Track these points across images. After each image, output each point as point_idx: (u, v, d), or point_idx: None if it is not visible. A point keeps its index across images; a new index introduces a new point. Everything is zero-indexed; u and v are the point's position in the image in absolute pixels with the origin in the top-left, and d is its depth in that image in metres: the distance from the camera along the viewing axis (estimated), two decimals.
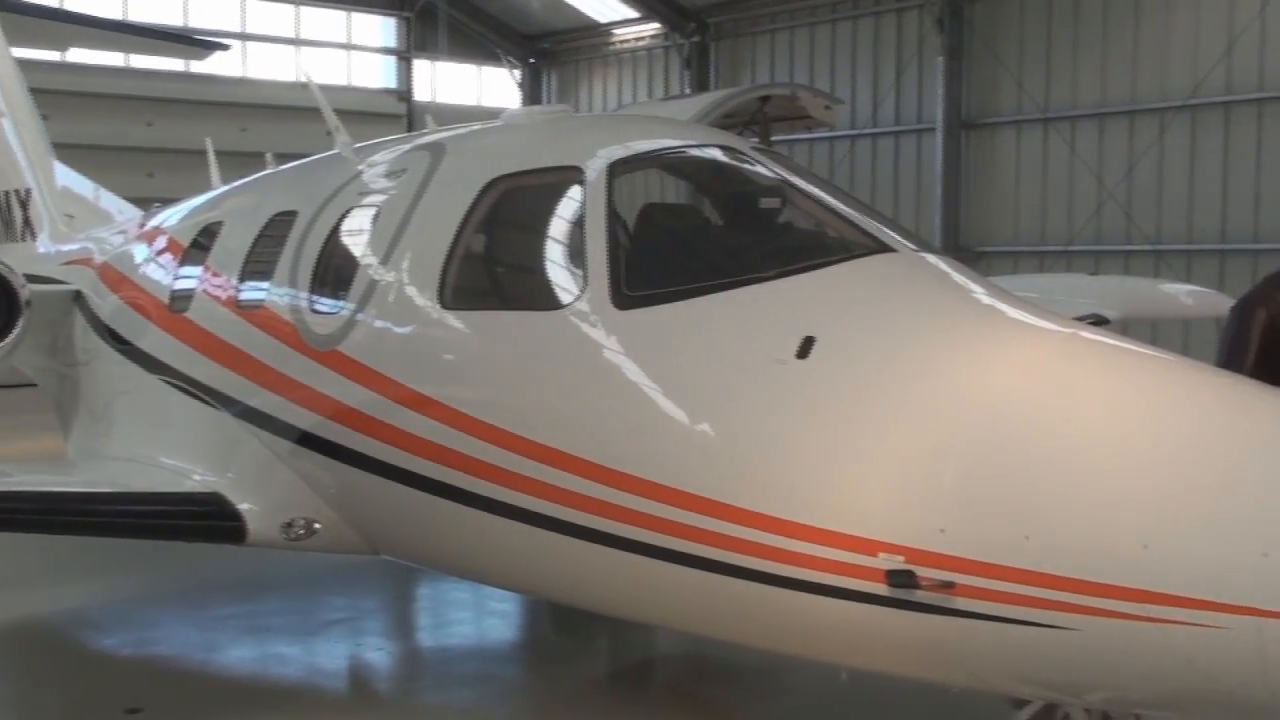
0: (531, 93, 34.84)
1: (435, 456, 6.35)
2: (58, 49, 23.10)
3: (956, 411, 4.65)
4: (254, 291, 8.14)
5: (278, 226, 8.20)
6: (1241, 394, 4.56)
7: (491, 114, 7.99)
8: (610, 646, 9.32)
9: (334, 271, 7.43)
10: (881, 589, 4.59)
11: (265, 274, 8.03)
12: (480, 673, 8.73)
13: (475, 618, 10.06)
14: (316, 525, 7.56)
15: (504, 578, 6.85)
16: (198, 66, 27.84)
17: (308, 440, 7.38)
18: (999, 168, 25.48)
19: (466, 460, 6.15)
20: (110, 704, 7.78)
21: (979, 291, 5.46)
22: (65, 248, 12.21)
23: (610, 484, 5.47)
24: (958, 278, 5.60)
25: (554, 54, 34.96)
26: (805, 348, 5.07)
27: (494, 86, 35.01)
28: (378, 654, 9.15)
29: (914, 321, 5.16)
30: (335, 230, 7.59)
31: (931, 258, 5.77)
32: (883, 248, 5.69)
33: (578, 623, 9.26)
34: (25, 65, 14.35)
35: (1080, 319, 8.29)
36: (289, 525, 7.60)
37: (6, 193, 13.72)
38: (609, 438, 5.55)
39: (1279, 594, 3.85)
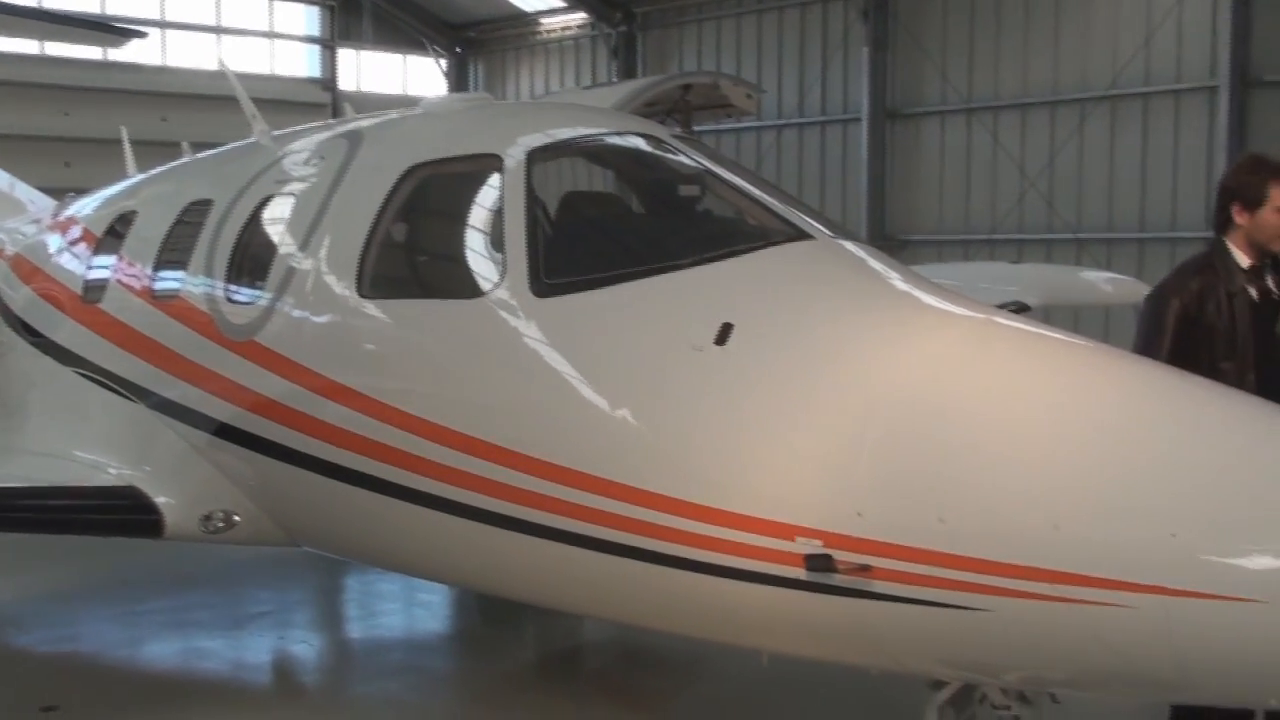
0: (458, 82, 34.61)
1: (355, 447, 6.28)
2: None
3: (872, 397, 4.68)
4: (169, 281, 8.01)
5: (193, 215, 8.08)
6: (1152, 379, 4.63)
7: (415, 103, 7.91)
8: (538, 635, 9.31)
9: (250, 261, 7.32)
10: (800, 573, 4.61)
11: (180, 263, 7.90)
12: (407, 664, 8.68)
13: (402, 609, 10.01)
14: (236, 518, 7.47)
15: (425, 568, 6.80)
16: (116, 55, 27.35)
17: (225, 432, 7.28)
18: (923, 157, 25.74)
19: (386, 450, 6.09)
20: (25, 702, 7.63)
21: (895, 278, 5.50)
22: None
23: (530, 472, 5.44)
24: (875, 264, 5.64)
25: (481, 43, 34.77)
26: (723, 335, 5.08)
27: (420, 76, 34.74)
28: (304, 646, 9.06)
29: (831, 308, 5.19)
30: (251, 219, 7.48)
31: (849, 245, 5.80)
32: (801, 235, 5.71)
33: (506, 613, 9.26)
34: None
35: (1002, 306, 8.40)
36: (207, 518, 7.50)
37: None
38: (528, 425, 5.52)
39: (1186, 573, 3.91)
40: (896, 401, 4.63)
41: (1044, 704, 4.92)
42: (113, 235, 9.04)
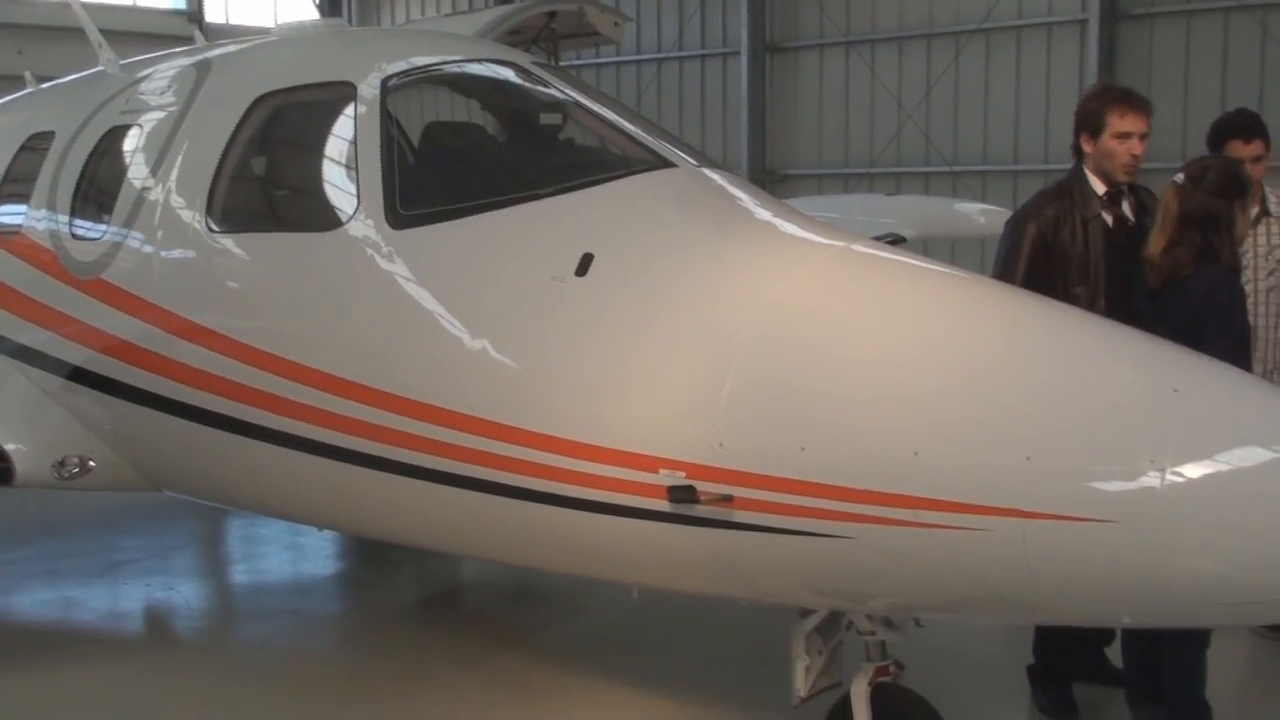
0: (331, 14, 33.70)
1: (210, 387, 6.08)
2: None
3: (733, 326, 4.61)
4: (9, 217, 7.67)
5: (34, 146, 7.71)
6: (1013, 305, 4.62)
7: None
8: (418, 575, 9.21)
9: (95, 194, 7.02)
10: (664, 505, 4.55)
11: (20, 198, 7.57)
12: (285, 607, 8.54)
13: (280, 552, 9.82)
14: (91, 463, 7.21)
15: (288, 510, 6.63)
16: None
17: (76, 375, 7.01)
18: (803, 91, 25.76)
19: (243, 390, 5.91)
20: None
21: (759, 207, 5.42)
22: None
23: (390, 409, 5.31)
24: (738, 193, 5.55)
25: None
26: (584, 265, 4.97)
27: (292, 8, 33.76)
28: (175, 593, 8.82)
29: (692, 236, 5.09)
30: (96, 151, 7.16)
31: (712, 173, 5.70)
32: (663, 163, 5.60)
33: (386, 554, 9.12)
34: None
35: (878, 238, 8.42)
36: (61, 464, 7.22)
37: None
38: (387, 361, 5.37)
39: (1041, 496, 3.93)
40: (758, 330, 4.57)
41: (909, 628, 4.96)
42: None
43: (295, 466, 5.86)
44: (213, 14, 32.23)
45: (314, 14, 33.66)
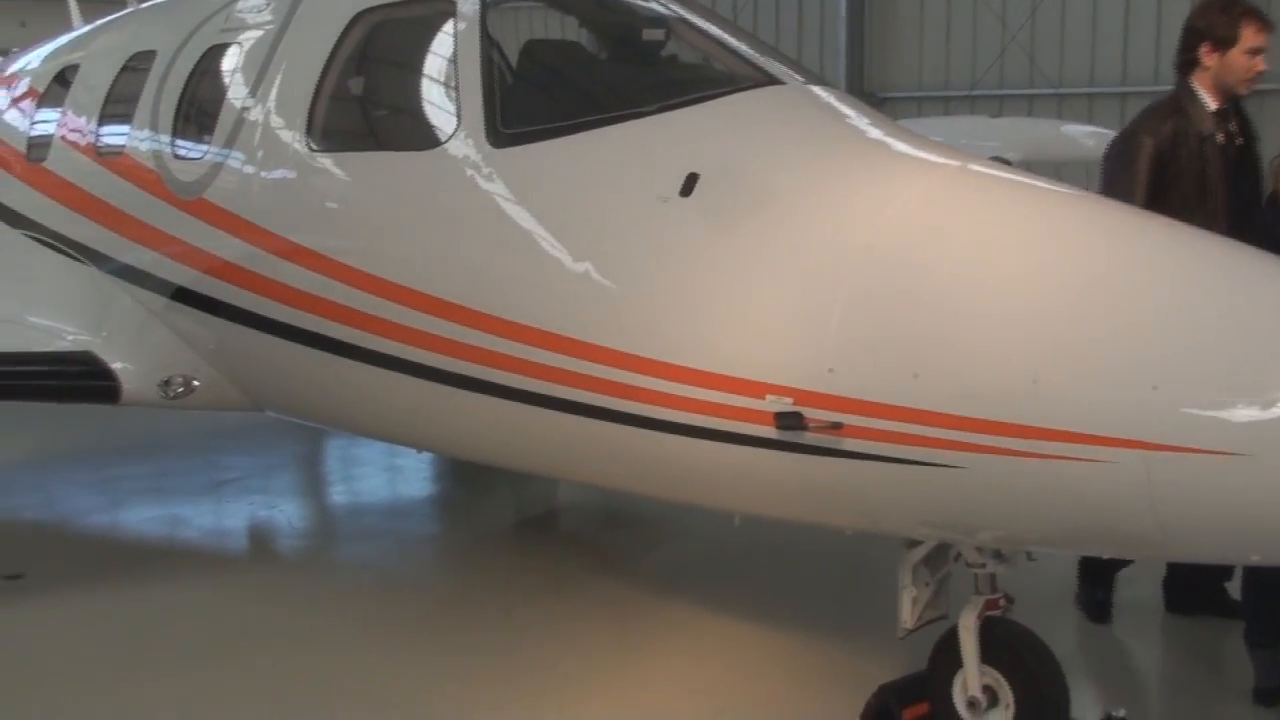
0: None
1: (309, 307, 6.08)
2: None
3: (845, 248, 4.46)
4: (113, 138, 7.70)
5: (137, 66, 7.73)
6: (1131, 224, 4.42)
7: None
8: (514, 498, 9.23)
9: (196, 114, 7.03)
10: (770, 432, 4.44)
11: (125, 118, 7.58)
12: (382, 528, 8.61)
13: (378, 474, 9.92)
14: (195, 382, 7.29)
15: (386, 431, 6.65)
16: None
17: (180, 295, 7.06)
18: (903, 12, 25.10)
19: (341, 310, 5.89)
20: None
21: (868, 125, 5.24)
22: None
23: (491, 331, 5.25)
24: (848, 111, 5.37)
25: None
26: (689, 185, 4.83)
27: None
28: (277, 512, 8.96)
29: (801, 155, 4.93)
30: (197, 70, 7.15)
31: (820, 90, 5.52)
32: (770, 80, 5.43)
33: (482, 477, 9.16)
34: None
35: None
36: (166, 383, 7.32)
37: None
38: (486, 282, 5.31)
39: (1167, 428, 3.75)
40: (870, 253, 4.42)
41: (1020, 561, 4.83)
42: (56, 90, 8.69)
43: (393, 387, 5.84)
44: None
45: None
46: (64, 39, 9.95)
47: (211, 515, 8.93)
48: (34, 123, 8.78)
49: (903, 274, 4.32)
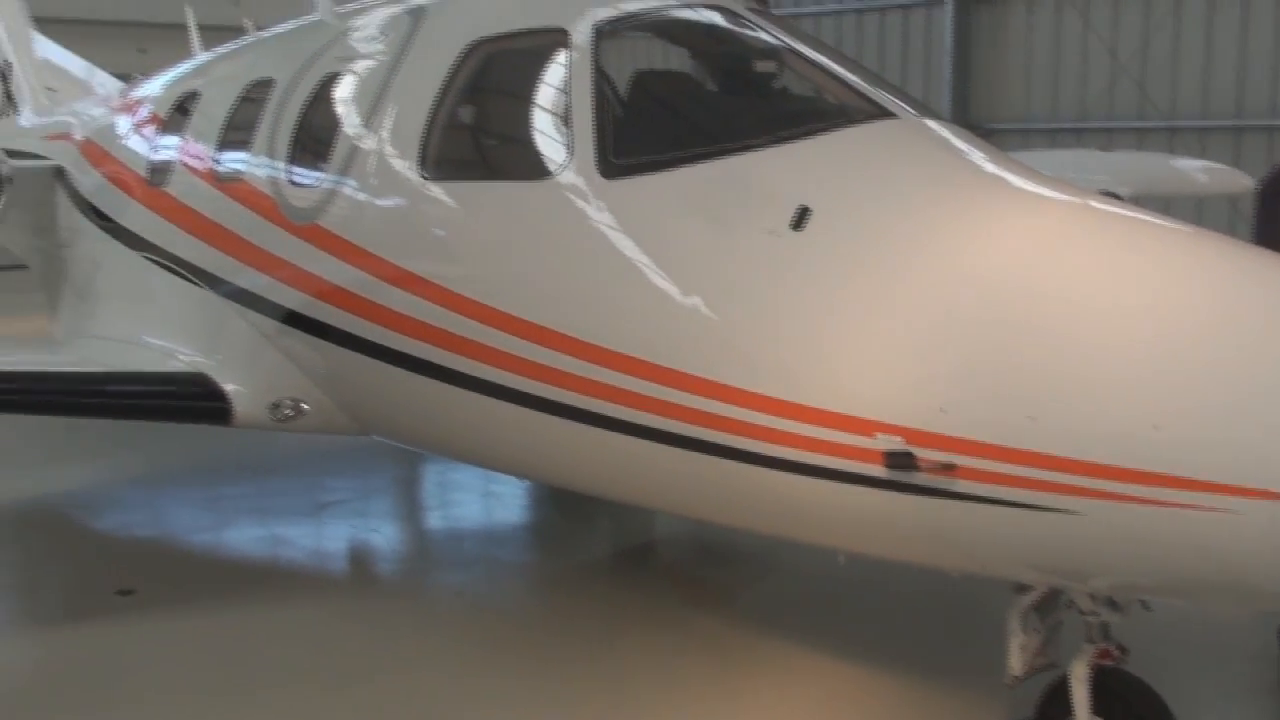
0: None
1: (420, 334, 6.13)
2: None
3: (959, 285, 4.40)
4: (231, 163, 7.86)
5: (255, 95, 7.89)
6: (1263, 267, 4.29)
7: None
8: (612, 529, 9.21)
9: (312, 141, 7.14)
10: (879, 471, 4.39)
11: (242, 145, 7.74)
12: (479, 555, 8.66)
13: (476, 500, 9.96)
14: (304, 406, 7.39)
15: (492, 459, 6.68)
16: None
17: (292, 319, 7.18)
18: (1010, 42, 24.84)
19: (450, 337, 5.94)
20: (103, 585, 7.70)
21: (984, 159, 5.16)
22: (46, 122, 11.90)
23: (599, 362, 5.25)
24: (962, 145, 5.30)
25: None
26: (800, 218, 4.80)
27: None
28: (377, 535, 9.07)
29: (915, 190, 4.88)
30: (313, 97, 7.28)
31: (935, 124, 5.46)
32: (883, 114, 5.38)
33: (579, 505, 9.16)
34: None
35: None
36: (276, 406, 7.43)
37: None
38: (596, 313, 5.32)
39: None
40: (985, 291, 4.34)
41: (1134, 610, 4.70)
42: (177, 117, 8.91)
43: (499, 415, 5.87)
44: None
45: None
46: (185, 67, 10.21)
47: (313, 537, 9.05)
48: (155, 148, 9.01)
49: (1019, 313, 4.24)
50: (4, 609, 7.80)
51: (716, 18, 6.18)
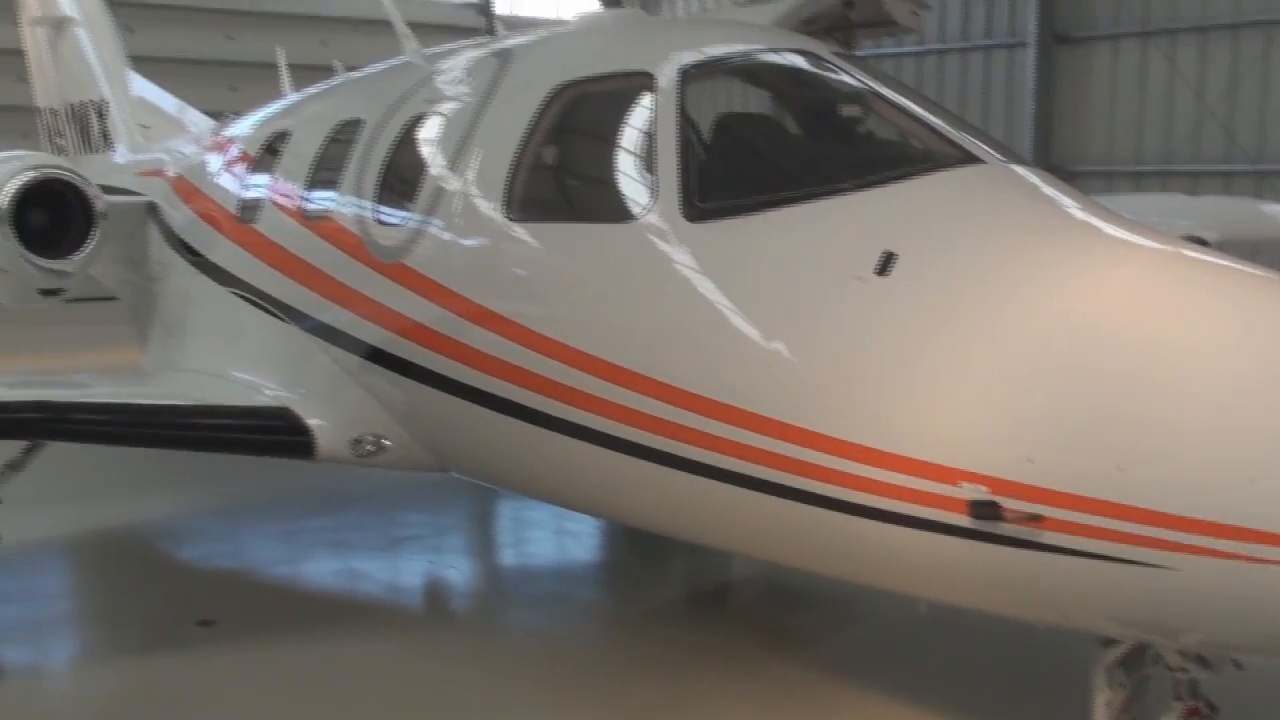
0: (615, 6, 34.26)
1: (502, 373, 6.18)
2: None
3: (1047, 333, 4.35)
4: (320, 202, 8.00)
5: (344, 135, 8.03)
6: None
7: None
8: (686, 569, 9.16)
9: (399, 181, 7.24)
10: (964, 520, 4.35)
11: (331, 184, 7.88)
12: (554, 593, 8.64)
13: (551, 537, 9.99)
14: (386, 442, 7.47)
15: (572, 499, 6.70)
16: None
17: (375, 355, 7.26)
18: (1094, 84, 24.58)
19: (533, 378, 5.98)
20: (184, 616, 7.81)
21: (1073, 206, 5.11)
22: (140, 159, 12.17)
23: (680, 405, 5.26)
24: (1050, 191, 5.26)
25: None
26: (886, 264, 4.79)
27: (576, 1, 34.47)
28: (453, 571, 9.12)
29: (1003, 237, 4.84)
30: (400, 138, 7.39)
31: (1022, 170, 5.42)
32: (970, 159, 5.36)
33: (654, 545, 9.13)
34: None
35: None
36: (358, 441, 7.51)
37: (84, 103, 13.71)
38: (678, 356, 5.32)
39: None
40: (1074, 339, 4.30)
41: (1225, 667, 4.58)
42: (267, 155, 9.08)
43: (579, 455, 5.88)
44: (501, 5, 33.22)
45: (598, 7, 34.28)
46: (275, 106, 10.40)
47: (389, 571, 9.12)
48: (245, 186, 9.18)
49: (1108, 362, 4.18)
50: (86, 637, 7.95)
51: (802, 61, 6.20)
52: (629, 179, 5.90)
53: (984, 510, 4.28)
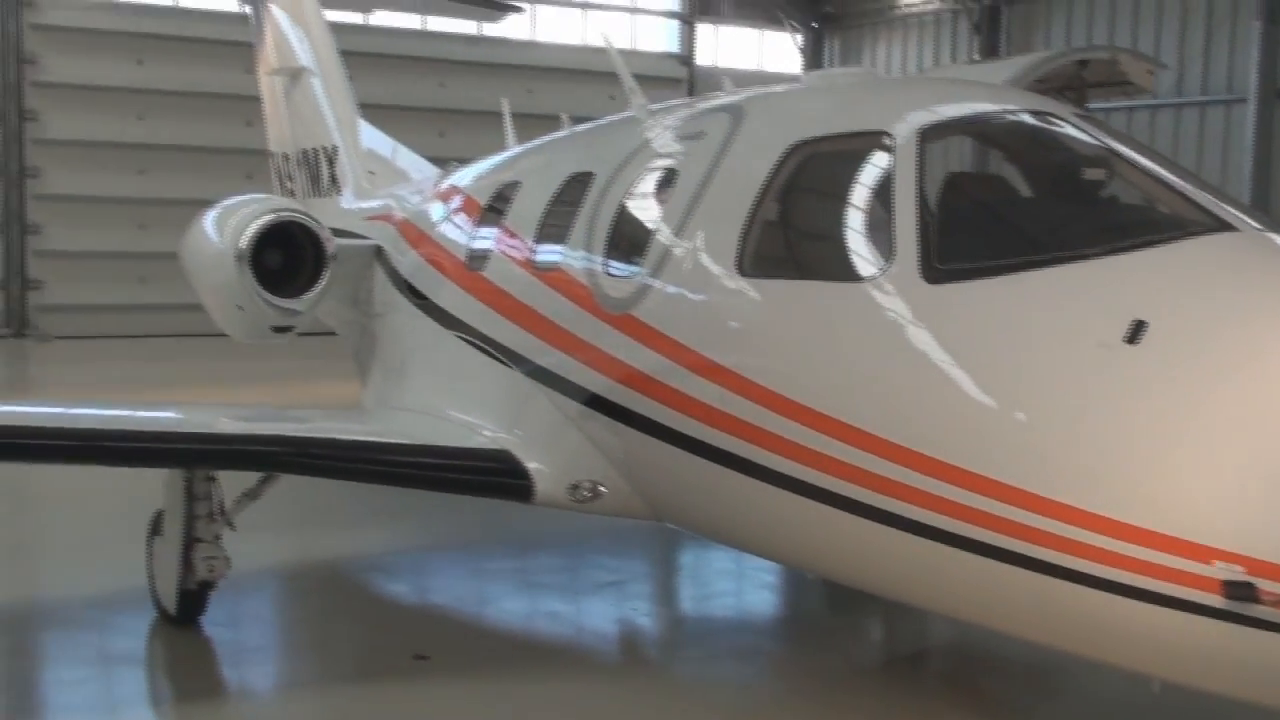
0: (813, 58, 34.34)
1: (726, 426, 6.23)
2: (363, 10, 24.16)
3: None
4: (549, 253, 8.20)
5: (574, 188, 8.23)
6: None
7: (773, 79, 7.76)
8: (883, 630, 9.02)
9: (629, 234, 7.39)
10: (1216, 600, 4.22)
11: (561, 235, 8.08)
12: (747, 646, 8.58)
13: (743, 589, 9.94)
14: (602, 489, 7.58)
15: (791, 555, 6.69)
16: (489, 29, 28.67)
17: (597, 403, 7.40)
18: None
19: (758, 432, 6.01)
20: (399, 649, 8.00)
21: None
22: (367, 204, 12.66)
23: (912, 466, 5.23)
24: None
25: (838, 18, 34.36)
26: (1135, 332, 4.69)
27: (775, 51, 34.67)
28: (645, 619, 9.17)
29: (1261, 308, 4.70)
30: (631, 192, 7.55)
31: (1278, 238, 5.25)
32: (1223, 226, 5.22)
33: (851, 602, 9.02)
34: (333, 28, 14.97)
35: None
36: (575, 487, 7.64)
37: (315, 149, 14.36)
38: (912, 417, 5.29)
39: None
40: None
41: None
42: (495, 205, 9.34)
43: (801, 511, 5.88)
44: (702, 57, 33.63)
45: (797, 58, 34.40)
46: (500, 157, 10.73)
47: (597, 616, 9.21)
48: (473, 234, 9.48)
49: None
50: (300, 667, 8.17)
51: (1043, 122, 6.13)
52: (865, 238, 5.91)
53: (1239, 591, 4.15)
